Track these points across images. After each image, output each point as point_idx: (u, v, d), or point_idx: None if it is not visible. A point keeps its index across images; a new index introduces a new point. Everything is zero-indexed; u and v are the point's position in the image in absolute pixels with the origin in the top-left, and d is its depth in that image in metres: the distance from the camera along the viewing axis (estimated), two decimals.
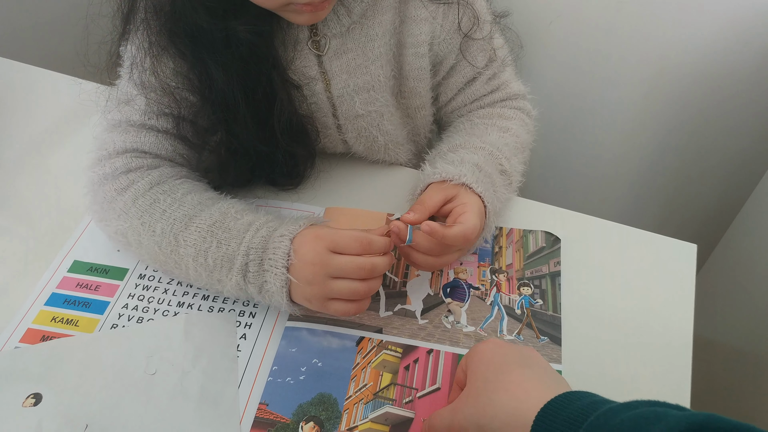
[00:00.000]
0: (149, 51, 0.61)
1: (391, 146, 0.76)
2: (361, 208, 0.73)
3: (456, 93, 0.75)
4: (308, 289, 0.56)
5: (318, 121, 0.72)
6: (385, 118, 0.72)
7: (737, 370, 1.01)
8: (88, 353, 0.60)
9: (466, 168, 0.64)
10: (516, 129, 0.73)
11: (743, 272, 1.02)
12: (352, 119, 0.71)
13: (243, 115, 0.63)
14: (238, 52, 0.60)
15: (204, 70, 0.61)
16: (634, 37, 0.95)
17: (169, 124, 0.65)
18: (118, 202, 0.62)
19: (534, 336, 0.62)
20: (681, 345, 0.61)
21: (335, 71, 0.67)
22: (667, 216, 1.22)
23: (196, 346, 0.60)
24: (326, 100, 0.69)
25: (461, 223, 0.59)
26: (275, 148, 0.67)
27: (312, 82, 0.67)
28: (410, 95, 0.73)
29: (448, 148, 0.70)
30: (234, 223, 0.59)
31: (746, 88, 0.96)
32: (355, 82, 0.67)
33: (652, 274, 0.67)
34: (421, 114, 0.76)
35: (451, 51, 0.71)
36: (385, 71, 0.68)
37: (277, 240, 0.56)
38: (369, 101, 0.69)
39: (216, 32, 0.59)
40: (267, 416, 0.56)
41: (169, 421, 0.55)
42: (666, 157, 1.11)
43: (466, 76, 0.73)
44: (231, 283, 0.58)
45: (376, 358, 0.60)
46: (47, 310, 0.64)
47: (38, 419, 0.55)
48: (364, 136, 0.74)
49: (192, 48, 0.60)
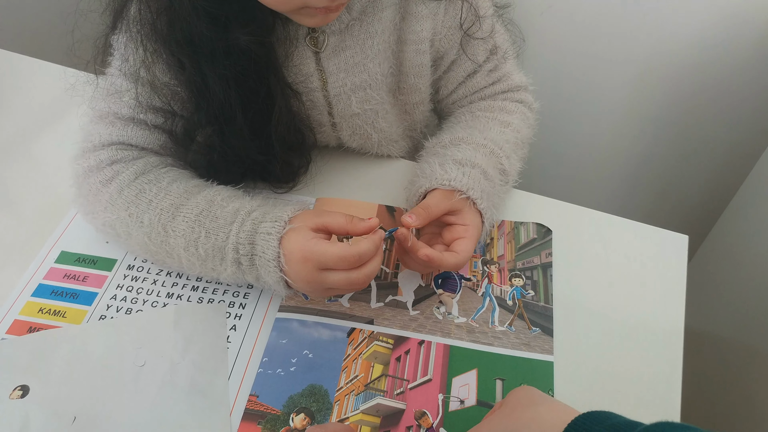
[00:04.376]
0: (142, 46, 0.59)
1: (384, 143, 0.75)
2: (353, 199, 0.73)
3: (456, 86, 0.75)
4: (306, 287, 0.56)
5: (313, 120, 0.71)
6: (380, 116, 0.71)
7: (727, 361, 1.02)
8: (76, 345, 0.59)
9: (474, 178, 0.62)
10: (517, 124, 0.72)
11: (733, 263, 1.02)
12: (348, 118, 0.70)
13: (240, 125, 0.62)
14: (239, 62, 0.58)
15: (201, 81, 0.59)
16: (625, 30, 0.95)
17: (159, 119, 0.64)
18: (104, 194, 0.61)
19: (525, 327, 0.62)
20: (672, 336, 0.61)
21: (332, 69, 0.65)
22: (658, 207, 1.22)
23: (185, 337, 0.60)
24: (322, 99, 0.68)
25: (457, 252, 0.60)
26: (271, 157, 0.66)
27: (308, 79, 0.66)
28: (409, 91, 0.72)
29: (449, 139, 0.69)
30: (220, 211, 0.58)
31: (737, 80, 0.96)
32: (352, 81, 0.66)
33: (644, 265, 0.67)
34: (420, 110, 0.75)
35: (452, 47, 0.70)
36: (382, 68, 0.67)
37: (264, 238, 0.55)
38: (365, 99, 0.68)
39: (217, 41, 0.57)
40: (257, 408, 0.56)
41: (158, 413, 0.55)
42: (657, 148, 1.11)
43: (466, 70, 0.73)
44: (227, 273, 0.58)
45: (367, 350, 0.60)
46: (34, 301, 0.63)
47: (25, 411, 0.54)
48: (358, 134, 0.73)
49: (190, 57, 0.58)
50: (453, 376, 0.58)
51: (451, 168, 0.63)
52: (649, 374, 0.59)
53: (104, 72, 0.65)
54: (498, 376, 0.58)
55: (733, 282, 1.01)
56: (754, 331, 0.93)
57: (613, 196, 1.23)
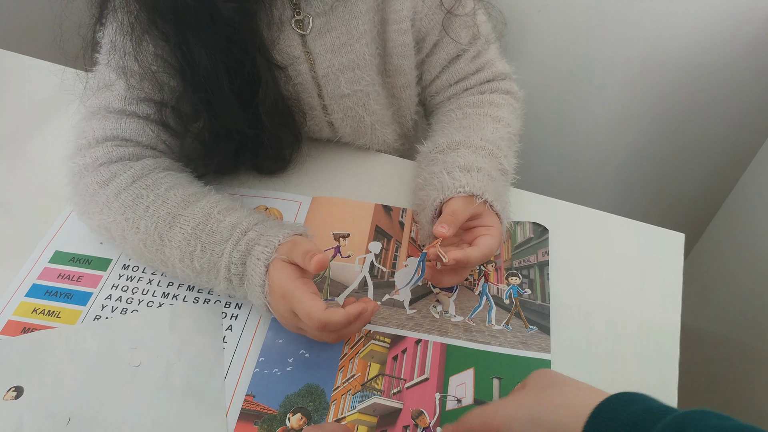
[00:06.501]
0: (129, 34, 0.59)
1: (378, 126, 0.75)
2: (349, 198, 0.73)
3: (440, 71, 0.75)
4: (281, 320, 0.58)
5: (303, 103, 0.71)
6: (371, 98, 0.71)
7: (724, 359, 1.02)
8: (71, 345, 0.59)
9: (484, 182, 0.62)
10: (508, 117, 0.72)
11: (729, 261, 1.02)
12: (338, 99, 0.71)
13: (227, 97, 0.62)
14: (223, 31, 0.59)
15: (187, 50, 0.60)
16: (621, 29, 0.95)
17: (151, 109, 0.64)
18: (101, 196, 0.61)
19: (522, 326, 0.62)
20: (668, 333, 0.62)
21: (319, 50, 0.66)
22: (654, 205, 1.22)
23: (181, 337, 0.60)
24: (311, 80, 0.69)
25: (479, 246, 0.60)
26: (259, 131, 0.67)
27: (296, 62, 0.67)
28: (395, 73, 0.72)
29: (446, 144, 0.68)
30: (217, 225, 0.59)
31: (733, 79, 0.96)
32: (339, 61, 0.67)
33: (640, 263, 0.67)
34: (407, 93, 0.75)
35: (434, 27, 0.70)
36: (370, 49, 0.67)
37: (254, 263, 0.56)
38: (354, 80, 0.69)
39: (201, 9, 0.57)
40: (254, 408, 0.55)
41: (153, 413, 0.54)
42: (654, 146, 1.11)
43: (449, 54, 0.73)
44: (220, 287, 0.59)
45: (364, 349, 0.60)
46: (28, 302, 0.62)
47: (19, 413, 0.54)
48: (350, 116, 0.73)
49: (175, 26, 0.59)
50: (450, 375, 0.58)
51: (459, 175, 0.62)
52: (645, 372, 0.59)
53: (93, 69, 0.65)
54: (495, 375, 0.58)
55: (729, 280, 1.01)
56: (750, 328, 0.93)
57: (610, 195, 1.23)
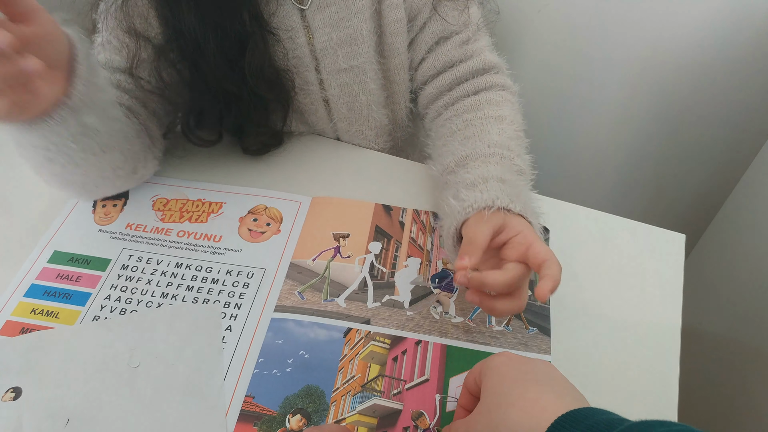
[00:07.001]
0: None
1: (374, 107, 0.76)
2: (349, 198, 0.73)
3: (426, 52, 0.74)
4: None
5: (300, 77, 0.72)
6: (368, 76, 0.72)
7: (724, 359, 1.02)
8: (70, 346, 0.59)
9: (492, 190, 0.58)
10: (510, 114, 0.71)
11: (730, 261, 1.02)
12: (335, 74, 0.72)
13: (212, 53, 0.64)
14: None
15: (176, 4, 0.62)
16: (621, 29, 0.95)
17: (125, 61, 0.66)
18: None
19: (523, 326, 0.62)
20: (669, 334, 0.61)
21: (318, 24, 0.68)
22: (654, 205, 1.22)
23: (180, 338, 0.59)
24: (309, 54, 0.70)
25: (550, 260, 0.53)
26: (242, 92, 0.68)
27: (295, 35, 0.68)
28: (390, 54, 0.73)
29: (454, 162, 0.65)
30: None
31: (733, 80, 0.96)
32: (338, 35, 0.68)
33: (641, 263, 0.67)
34: (401, 77, 0.76)
35: (425, 5, 0.71)
36: (368, 25, 0.69)
37: None
38: (352, 55, 0.70)
39: None
40: (253, 409, 0.55)
41: (153, 414, 0.54)
42: (654, 147, 1.11)
43: (436, 33, 0.73)
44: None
45: (363, 350, 0.60)
46: (27, 302, 0.62)
47: (18, 414, 0.54)
48: (346, 92, 0.74)
49: None
50: (450, 376, 0.58)
51: (466, 194, 0.59)
52: (646, 373, 0.59)
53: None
54: None
55: (730, 280, 1.01)
56: (751, 329, 0.93)
57: (610, 195, 1.23)
